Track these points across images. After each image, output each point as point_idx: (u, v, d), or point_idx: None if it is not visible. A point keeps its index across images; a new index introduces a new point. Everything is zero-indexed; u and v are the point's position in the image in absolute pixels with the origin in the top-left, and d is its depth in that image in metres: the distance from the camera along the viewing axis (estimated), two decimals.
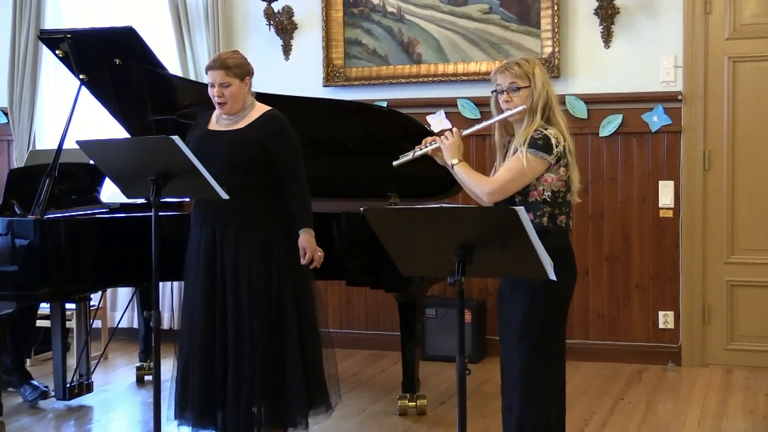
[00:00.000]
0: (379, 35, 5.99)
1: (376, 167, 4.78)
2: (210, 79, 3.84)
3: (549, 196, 3.21)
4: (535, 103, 3.22)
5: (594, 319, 5.71)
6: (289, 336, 3.85)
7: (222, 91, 3.81)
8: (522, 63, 3.26)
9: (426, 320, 5.67)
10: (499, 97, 3.29)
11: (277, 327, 3.83)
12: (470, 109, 5.80)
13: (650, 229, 5.60)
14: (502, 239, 2.65)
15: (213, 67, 3.83)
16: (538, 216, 3.19)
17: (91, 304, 5.16)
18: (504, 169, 3.23)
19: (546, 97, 3.24)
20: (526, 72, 3.24)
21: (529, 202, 3.21)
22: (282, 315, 3.84)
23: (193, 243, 3.92)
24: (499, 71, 3.29)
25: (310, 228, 3.90)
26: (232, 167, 3.79)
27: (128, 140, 4.54)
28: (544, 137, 3.19)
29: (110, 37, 4.69)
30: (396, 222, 2.80)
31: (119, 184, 3.84)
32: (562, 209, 3.25)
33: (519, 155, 3.19)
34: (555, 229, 3.21)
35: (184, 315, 3.97)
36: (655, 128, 5.53)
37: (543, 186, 3.21)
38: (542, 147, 3.18)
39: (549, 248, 2.71)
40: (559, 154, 3.20)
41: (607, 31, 5.57)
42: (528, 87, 3.23)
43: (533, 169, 3.18)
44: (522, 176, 3.19)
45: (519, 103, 3.24)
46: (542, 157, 3.18)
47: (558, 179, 3.22)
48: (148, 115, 4.88)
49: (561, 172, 3.23)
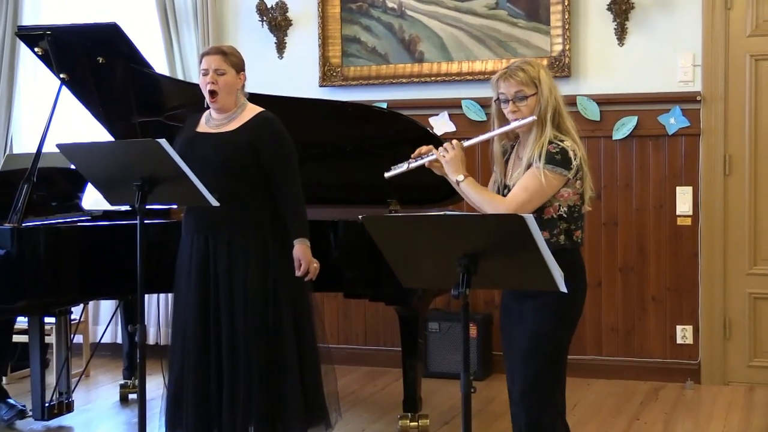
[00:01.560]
0: (379, 32, 6.00)
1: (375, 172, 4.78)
2: (204, 66, 3.85)
3: (565, 212, 3.18)
4: (544, 111, 3.17)
5: (607, 333, 5.71)
6: (287, 352, 3.85)
7: (216, 78, 3.82)
8: (526, 68, 3.20)
9: (428, 335, 5.67)
10: (504, 106, 3.22)
11: (274, 342, 3.84)
12: (475, 111, 5.81)
13: (667, 238, 5.61)
14: (510, 248, 2.65)
15: (209, 52, 3.86)
16: (555, 234, 3.16)
17: (71, 317, 5.16)
18: (520, 188, 3.16)
19: (555, 102, 3.19)
20: (532, 78, 3.18)
21: (545, 219, 3.16)
22: (280, 329, 3.85)
23: (185, 252, 3.93)
24: (501, 78, 3.21)
25: (305, 238, 3.90)
26: (222, 172, 3.80)
27: (112, 143, 4.55)
28: (561, 151, 3.14)
29: (93, 34, 4.70)
30: (396, 230, 2.80)
31: (102, 191, 3.84)
32: (578, 223, 3.22)
33: (535, 172, 3.13)
34: (571, 246, 3.19)
35: (174, 329, 3.98)
36: (672, 131, 5.54)
37: (559, 202, 3.17)
38: (561, 162, 3.13)
39: (562, 265, 2.70)
40: (576, 167, 3.16)
41: (620, 27, 5.58)
42: (535, 94, 3.18)
43: (552, 187, 3.14)
44: (540, 195, 3.14)
45: (527, 113, 3.18)
46: (561, 173, 3.13)
47: (574, 193, 3.19)
48: (133, 116, 4.88)
49: (577, 185, 3.19)
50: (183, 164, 3.56)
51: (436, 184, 4.64)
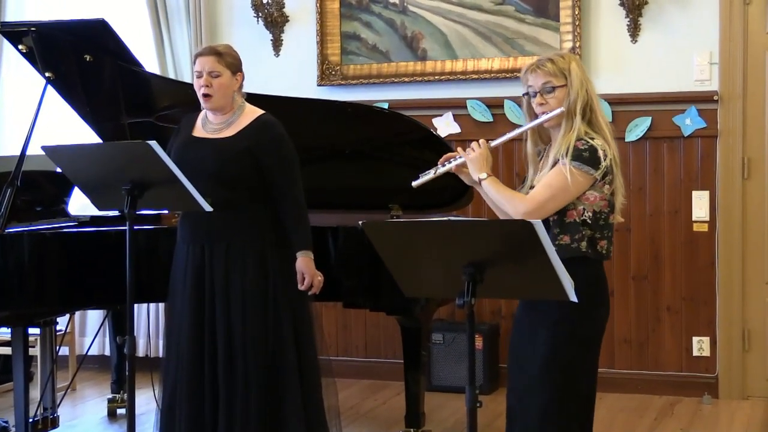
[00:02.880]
0: (380, 29, 6.01)
1: (376, 176, 4.80)
2: (198, 67, 3.85)
3: (590, 217, 3.13)
4: (573, 103, 3.14)
5: (620, 345, 5.72)
6: (287, 367, 3.85)
7: (210, 80, 3.81)
8: (556, 59, 3.19)
9: (432, 347, 5.68)
10: (532, 100, 3.21)
11: (273, 356, 3.83)
12: (481, 111, 5.81)
13: (683, 245, 5.61)
14: (517, 256, 2.65)
15: (203, 53, 3.85)
16: (576, 240, 3.11)
17: (57, 328, 5.16)
18: (543, 186, 3.13)
19: (586, 96, 3.16)
20: (561, 69, 3.16)
21: (567, 222, 3.13)
22: (279, 343, 3.84)
23: (179, 262, 3.93)
24: (529, 70, 3.21)
25: (308, 250, 3.90)
26: (220, 179, 3.80)
27: (100, 146, 4.56)
28: (590, 148, 3.11)
29: (80, 30, 4.70)
30: (398, 237, 2.81)
31: (90, 195, 3.84)
32: (604, 233, 3.16)
33: (560, 169, 3.10)
34: (594, 256, 3.13)
35: (168, 343, 3.97)
36: (687, 132, 5.55)
37: (584, 205, 3.13)
38: (588, 160, 3.10)
39: (582, 277, 2.69)
40: (606, 168, 3.12)
41: (634, 23, 5.59)
42: (564, 86, 3.16)
43: (577, 186, 3.10)
44: (564, 194, 3.10)
45: (555, 106, 3.16)
46: (588, 171, 3.10)
47: (602, 198, 3.14)
48: (122, 117, 4.89)
49: (605, 189, 3.14)
50: (174, 167, 3.57)
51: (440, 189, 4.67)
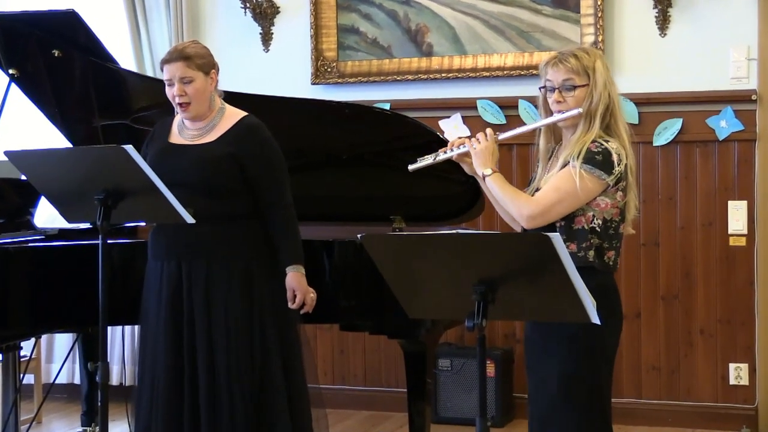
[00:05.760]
0: (381, 21, 6.03)
1: (377, 184, 4.80)
2: (167, 76, 3.85)
3: (599, 225, 3.19)
4: (594, 106, 3.20)
5: (648, 373, 5.71)
6: (276, 397, 3.85)
7: (183, 88, 3.82)
8: (580, 55, 3.24)
9: (439, 373, 5.67)
10: (549, 95, 3.27)
11: (260, 386, 3.83)
12: (493, 112, 5.82)
13: (718, 261, 5.61)
14: (532, 273, 2.66)
15: (170, 59, 3.84)
16: (583, 248, 3.17)
17: (21, 354, 5.16)
18: (550, 188, 3.19)
19: (608, 99, 3.22)
20: (585, 67, 3.22)
21: (574, 229, 3.18)
22: (267, 371, 3.84)
23: (152, 281, 3.92)
24: (550, 63, 3.27)
25: (299, 264, 3.91)
26: (201, 190, 3.81)
27: (69, 150, 4.56)
28: (603, 151, 3.16)
29: (48, 22, 4.71)
30: (401, 251, 2.81)
31: (58, 206, 3.85)
32: (612, 243, 3.22)
33: (570, 171, 3.16)
34: (600, 267, 3.20)
35: (141, 373, 3.96)
36: (723, 135, 5.55)
37: (593, 212, 3.19)
38: (601, 164, 3.15)
39: (591, 288, 2.71)
40: (620, 174, 3.18)
41: (663, 15, 5.60)
42: (586, 86, 3.22)
43: (587, 191, 3.16)
44: (572, 198, 3.16)
45: (573, 105, 3.22)
46: (599, 176, 3.15)
47: (613, 205, 3.20)
48: (95, 119, 4.90)
49: (618, 197, 3.20)
50: (153, 174, 3.57)
51: (448, 199, 4.68)
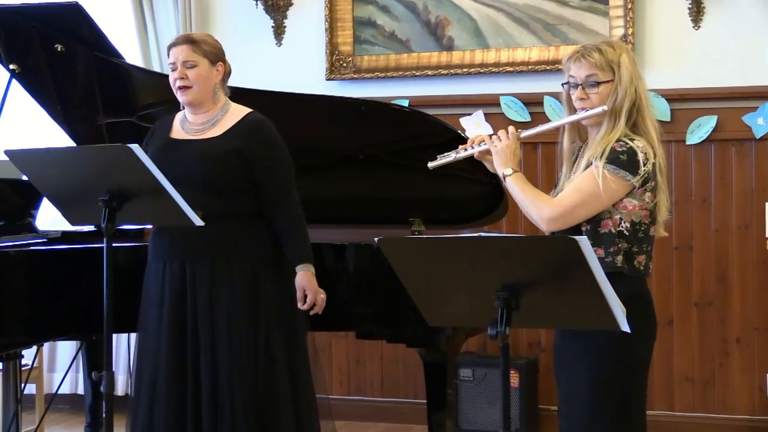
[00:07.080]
0: (399, 14, 6.03)
1: (394, 185, 4.80)
2: (172, 59, 3.89)
3: (627, 228, 3.18)
4: (620, 103, 3.20)
5: (681, 384, 5.70)
6: (281, 406, 3.85)
7: (185, 71, 3.86)
8: (605, 49, 3.23)
9: (460, 384, 5.67)
10: (572, 91, 3.27)
11: (266, 394, 3.84)
12: (517, 110, 5.82)
13: (755, 266, 5.59)
14: (559, 279, 2.65)
15: (175, 42, 3.90)
16: (611, 253, 3.16)
17: (22, 363, 5.17)
18: (572, 190, 3.20)
19: (634, 95, 3.22)
20: (610, 61, 3.22)
21: (601, 233, 3.18)
22: (272, 378, 3.85)
23: (153, 284, 3.94)
24: (573, 58, 3.27)
25: (309, 263, 3.92)
26: (205, 187, 3.82)
27: (73, 150, 4.57)
28: (629, 151, 3.16)
29: (50, 15, 4.72)
30: (420, 256, 2.81)
31: (60, 207, 3.86)
32: (642, 246, 3.21)
33: (593, 172, 3.16)
34: (630, 272, 3.19)
35: (139, 380, 3.97)
36: (760, 133, 5.54)
37: (621, 214, 3.18)
38: (625, 164, 3.15)
39: (621, 295, 2.71)
40: (646, 174, 3.17)
41: (696, 7, 5.59)
42: (611, 81, 3.21)
43: (611, 192, 3.15)
44: (595, 200, 3.16)
45: (598, 102, 3.22)
46: (624, 177, 3.15)
47: (641, 207, 3.20)
48: (99, 117, 4.91)
49: (646, 198, 3.20)
50: (160, 175, 3.58)
51: (470, 200, 4.67)
